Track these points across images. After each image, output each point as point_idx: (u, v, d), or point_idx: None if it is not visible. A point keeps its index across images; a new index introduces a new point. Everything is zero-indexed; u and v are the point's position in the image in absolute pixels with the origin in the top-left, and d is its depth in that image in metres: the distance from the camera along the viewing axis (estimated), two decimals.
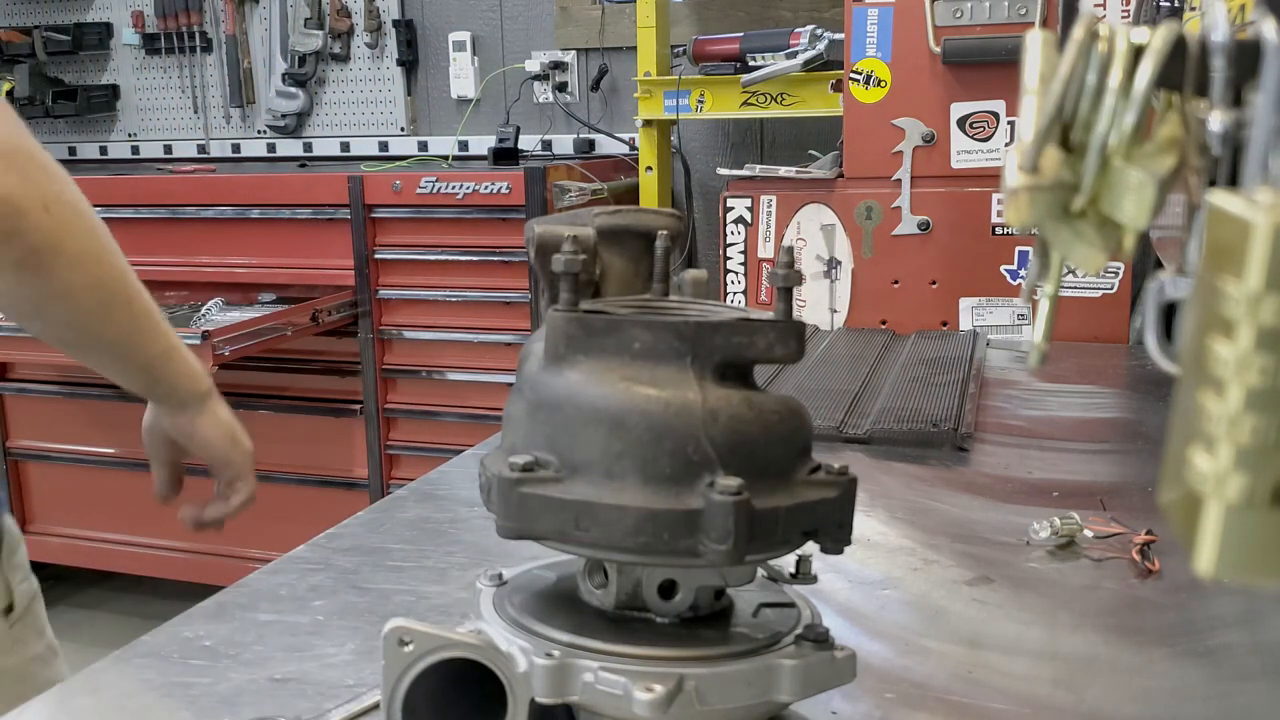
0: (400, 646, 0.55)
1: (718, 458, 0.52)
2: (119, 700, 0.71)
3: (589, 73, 3.25)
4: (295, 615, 0.83)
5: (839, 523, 0.56)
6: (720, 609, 0.59)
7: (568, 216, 0.65)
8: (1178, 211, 0.45)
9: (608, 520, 0.52)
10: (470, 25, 3.37)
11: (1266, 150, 0.41)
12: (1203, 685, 0.75)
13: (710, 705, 0.53)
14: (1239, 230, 0.34)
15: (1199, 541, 0.35)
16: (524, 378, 0.58)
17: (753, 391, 0.55)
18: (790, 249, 0.56)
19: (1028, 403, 1.45)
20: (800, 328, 0.55)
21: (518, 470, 0.53)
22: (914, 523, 1.04)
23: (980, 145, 1.87)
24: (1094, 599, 0.87)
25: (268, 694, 0.71)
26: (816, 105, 2.50)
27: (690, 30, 3.00)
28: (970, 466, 1.20)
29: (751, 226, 2.00)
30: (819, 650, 0.55)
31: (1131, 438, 1.33)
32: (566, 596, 0.60)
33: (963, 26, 1.85)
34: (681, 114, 2.68)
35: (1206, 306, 0.36)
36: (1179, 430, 0.38)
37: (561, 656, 0.53)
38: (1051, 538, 0.95)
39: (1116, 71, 0.43)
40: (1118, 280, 1.83)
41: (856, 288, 1.94)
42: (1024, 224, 0.43)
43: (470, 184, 2.68)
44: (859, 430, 1.27)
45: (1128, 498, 1.06)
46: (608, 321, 0.55)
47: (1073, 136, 0.44)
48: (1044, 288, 0.46)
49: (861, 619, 0.83)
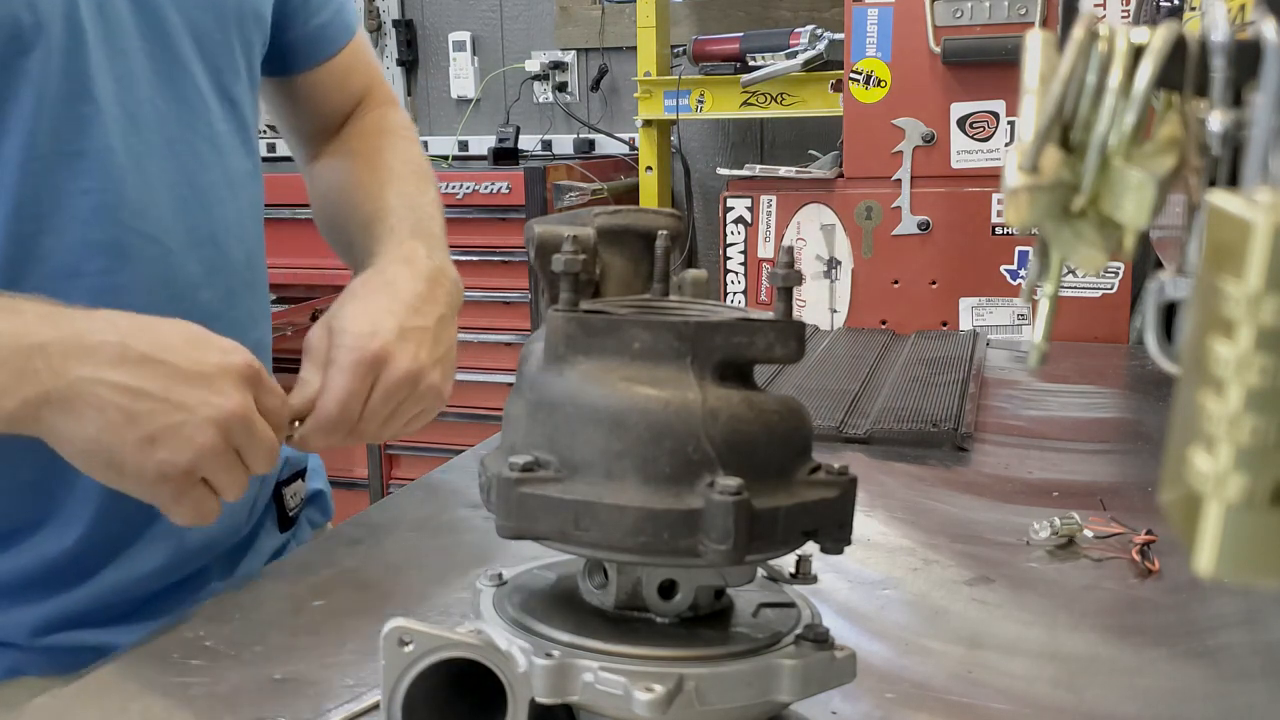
0: (400, 646, 0.55)
1: (718, 457, 0.52)
2: (119, 700, 0.71)
3: (589, 73, 3.25)
4: (295, 615, 0.83)
5: (839, 523, 0.56)
6: (720, 609, 0.59)
7: (568, 216, 0.65)
8: (1178, 211, 0.45)
9: (608, 520, 0.52)
10: (470, 25, 3.37)
11: (1266, 150, 0.41)
12: (1203, 685, 0.75)
13: (710, 705, 0.53)
14: (1239, 230, 0.34)
15: (1199, 541, 0.35)
16: (524, 378, 0.58)
17: (753, 391, 0.55)
18: (790, 249, 0.56)
19: (1028, 403, 1.45)
20: (800, 328, 0.55)
21: (517, 470, 0.53)
22: (914, 523, 1.04)
23: (980, 145, 1.87)
24: (1094, 599, 0.87)
25: (268, 694, 0.71)
26: (816, 105, 2.50)
27: (690, 30, 3.00)
28: (970, 466, 1.20)
29: (751, 226, 2.00)
30: (819, 650, 0.55)
31: (1131, 438, 1.33)
32: (566, 596, 0.60)
33: (963, 26, 1.85)
34: (681, 114, 2.68)
35: (1206, 306, 0.36)
36: (1179, 430, 0.38)
37: (561, 656, 0.53)
38: (1051, 538, 0.95)
39: (1116, 71, 0.43)
40: (1118, 280, 1.83)
41: (856, 288, 1.94)
42: (1024, 224, 0.43)
43: (470, 184, 2.68)
44: (859, 430, 1.27)
45: (1128, 498, 1.06)
46: (608, 321, 0.55)
47: (1073, 136, 0.44)
48: (1044, 288, 0.46)
49: (861, 619, 0.83)
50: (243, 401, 0.73)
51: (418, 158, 1.13)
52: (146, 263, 0.90)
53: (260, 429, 0.74)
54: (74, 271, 0.87)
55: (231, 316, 0.97)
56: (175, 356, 0.73)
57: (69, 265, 0.87)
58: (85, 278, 0.87)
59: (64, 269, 0.87)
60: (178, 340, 0.74)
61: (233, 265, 0.99)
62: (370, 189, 1.05)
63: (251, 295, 1.03)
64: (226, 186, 0.99)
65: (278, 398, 0.78)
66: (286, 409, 0.79)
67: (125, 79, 0.89)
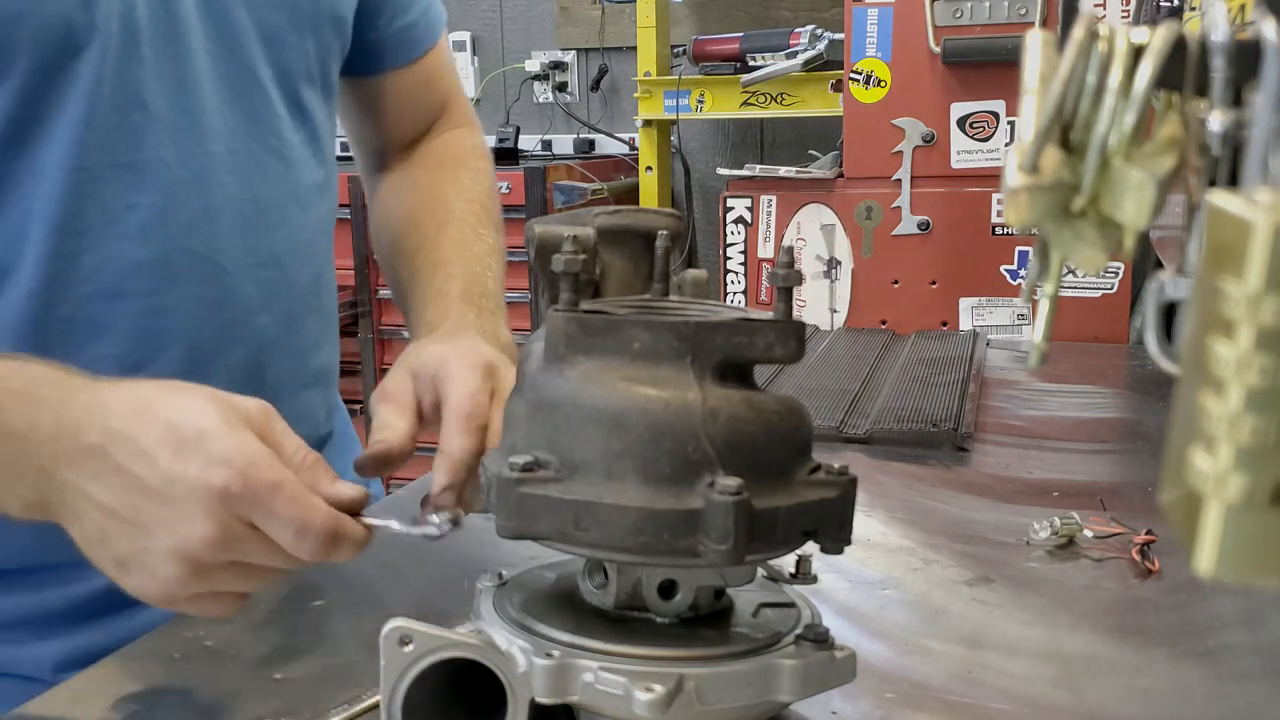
0: (400, 646, 0.55)
1: (718, 457, 0.52)
2: (119, 700, 0.71)
3: (589, 73, 3.25)
4: (295, 615, 0.83)
5: (839, 523, 0.56)
6: (720, 609, 0.59)
7: (568, 216, 0.65)
8: (1178, 211, 0.45)
9: (608, 520, 0.52)
10: (470, 25, 3.37)
11: (1266, 150, 0.41)
12: (1203, 685, 0.75)
13: (710, 705, 0.53)
14: (1239, 230, 0.34)
15: (1199, 541, 0.35)
16: (524, 378, 0.58)
17: (753, 391, 0.55)
18: (790, 249, 0.56)
19: (1028, 403, 1.45)
20: (800, 328, 0.55)
21: (517, 470, 0.53)
22: (914, 523, 1.04)
23: (980, 145, 1.87)
24: (1094, 599, 0.87)
25: (268, 694, 0.71)
26: (816, 105, 2.50)
27: (690, 30, 3.00)
28: (970, 466, 1.20)
29: (751, 226, 2.00)
30: (819, 650, 0.55)
31: (1131, 438, 1.33)
32: (566, 596, 0.60)
33: (963, 26, 1.85)
34: (681, 114, 2.68)
35: (1206, 306, 0.36)
36: (1179, 430, 0.38)
37: (561, 656, 0.53)
38: (1051, 538, 0.95)
39: (1116, 71, 0.43)
40: (1118, 280, 1.83)
41: (856, 288, 1.94)
42: (1024, 224, 0.43)
43: None
44: (859, 430, 1.27)
45: (1128, 498, 1.06)
46: (608, 321, 0.55)
47: (1073, 136, 0.44)
48: (1044, 288, 0.46)
49: (861, 619, 0.83)
50: (212, 530, 0.60)
51: (483, 193, 1.07)
52: (197, 284, 0.85)
53: (255, 541, 0.62)
54: (116, 293, 0.82)
55: (291, 343, 0.92)
56: (149, 471, 0.61)
57: (111, 286, 0.82)
58: (129, 299, 0.82)
59: (106, 290, 0.82)
60: (163, 446, 0.61)
61: (296, 288, 0.93)
62: (427, 231, 0.99)
63: (315, 319, 0.97)
64: (294, 202, 0.93)
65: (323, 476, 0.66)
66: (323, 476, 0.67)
67: (185, 84, 0.84)
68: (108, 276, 0.82)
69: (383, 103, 1.08)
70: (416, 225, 1.00)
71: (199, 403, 0.63)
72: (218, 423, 0.62)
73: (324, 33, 0.94)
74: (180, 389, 0.65)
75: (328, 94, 0.99)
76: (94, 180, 0.81)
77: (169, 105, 0.83)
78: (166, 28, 0.82)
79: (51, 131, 0.79)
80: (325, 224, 1.00)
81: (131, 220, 0.82)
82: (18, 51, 0.76)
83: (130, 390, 0.66)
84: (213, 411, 0.62)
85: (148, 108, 0.82)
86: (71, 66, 0.78)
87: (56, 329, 0.81)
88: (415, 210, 1.03)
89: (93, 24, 0.78)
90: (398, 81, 1.06)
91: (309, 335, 0.96)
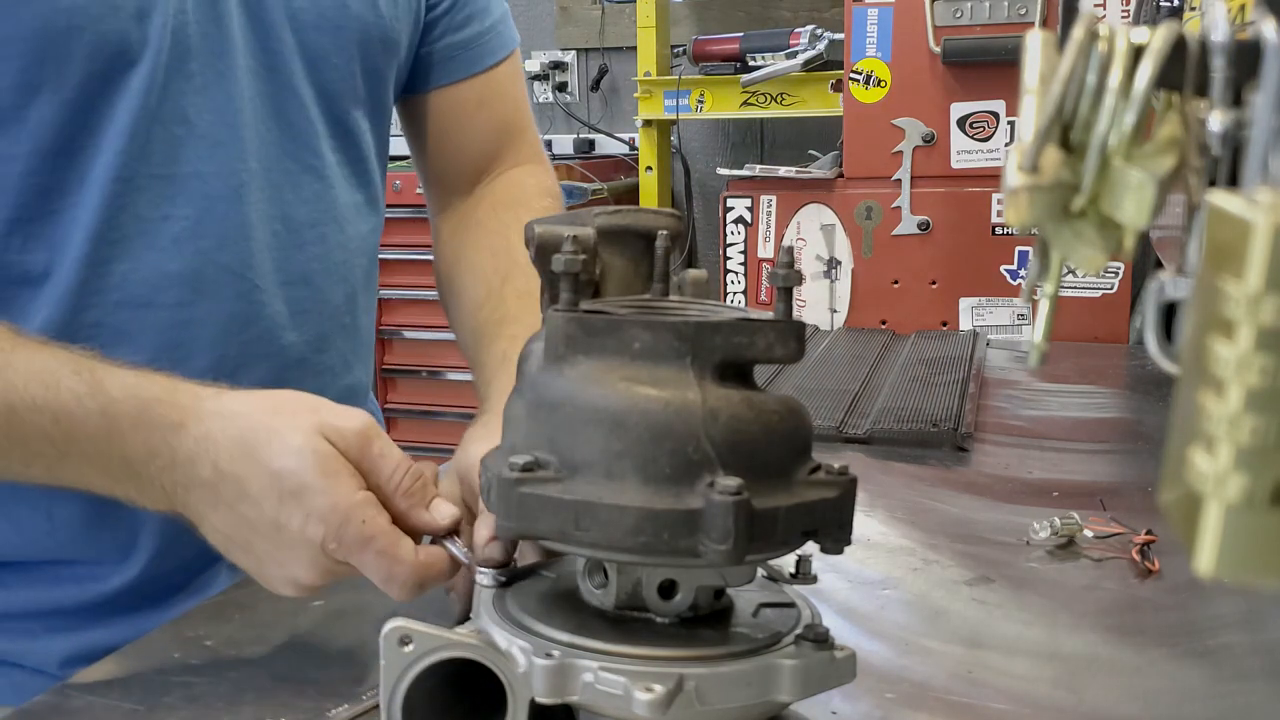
0: (400, 646, 0.55)
1: (718, 458, 0.52)
2: (119, 700, 0.71)
3: (589, 73, 3.25)
4: (295, 615, 0.83)
5: (839, 523, 0.56)
6: (720, 609, 0.59)
7: (568, 216, 0.65)
8: (1178, 211, 0.45)
9: (608, 520, 0.52)
10: None
11: (1266, 150, 0.41)
12: (1203, 685, 0.75)
13: (710, 705, 0.53)
14: (1239, 230, 0.34)
15: (1199, 541, 0.35)
16: (524, 378, 0.58)
17: (753, 391, 0.55)
18: (790, 249, 0.56)
19: (1028, 403, 1.45)
20: (800, 328, 0.55)
21: (517, 470, 0.53)
22: (914, 523, 1.04)
23: (980, 145, 1.87)
24: (1094, 599, 0.87)
25: (268, 694, 0.71)
26: (816, 105, 2.50)
27: (690, 30, 3.00)
28: (970, 466, 1.20)
29: (751, 226, 2.00)
30: (819, 650, 0.55)
31: (1131, 438, 1.33)
32: (566, 596, 0.60)
33: (963, 26, 1.85)
34: (681, 114, 2.68)
35: (1206, 306, 0.36)
36: (1179, 430, 0.38)
37: (561, 656, 0.53)
38: (1051, 538, 0.95)
39: (1116, 71, 0.43)
40: (1118, 280, 1.83)
41: (856, 288, 1.94)
42: (1024, 224, 0.43)
43: None
44: (859, 430, 1.27)
45: (1128, 498, 1.06)
46: (608, 321, 0.55)
47: (1073, 136, 0.44)
48: (1044, 288, 0.46)
49: (861, 619, 0.83)
50: (315, 573, 0.67)
51: None
52: (227, 299, 0.86)
53: (357, 572, 0.67)
54: (145, 302, 0.83)
55: (319, 361, 0.91)
56: (256, 514, 0.66)
57: (140, 295, 0.83)
58: (157, 310, 0.83)
59: (134, 299, 0.83)
60: (267, 494, 0.66)
61: (327, 307, 0.93)
62: (492, 284, 0.96)
63: (347, 339, 0.96)
64: (331, 221, 0.93)
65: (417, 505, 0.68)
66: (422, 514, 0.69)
67: (227, 101, 0.85)
68: (138, 286, 0.83)
69: (429, 124, 1.05)
70: (479, 276, 0.98)
71: (300, 445, 0.65)
72: (314, 476, 0.65)
73: (372, 54, 0.94)
74: (284, 414, 0.67)
75: (378, 116, 0.98)
76: (133, 190, 0.82)
77: (210, 120, 0.84)
78: (215, 44, 0.83)
79: (100, 142, 0.80)
80: (366, 244, 0.99)
81: (165, 232, 0.83)
82: (74, 64, 0.78)
83: (235, 422, 0.68)
84: (310, 459, 0.65)
85: (190, 122, 0.83)
86: (123, 79, 0.79)
87: (83, 334, 0.81)
88: (477, 258, 1.00)
89: (146, 39, 0.79)
90: (444, 100, 1.04)
91: (338, 354, 0.96)
